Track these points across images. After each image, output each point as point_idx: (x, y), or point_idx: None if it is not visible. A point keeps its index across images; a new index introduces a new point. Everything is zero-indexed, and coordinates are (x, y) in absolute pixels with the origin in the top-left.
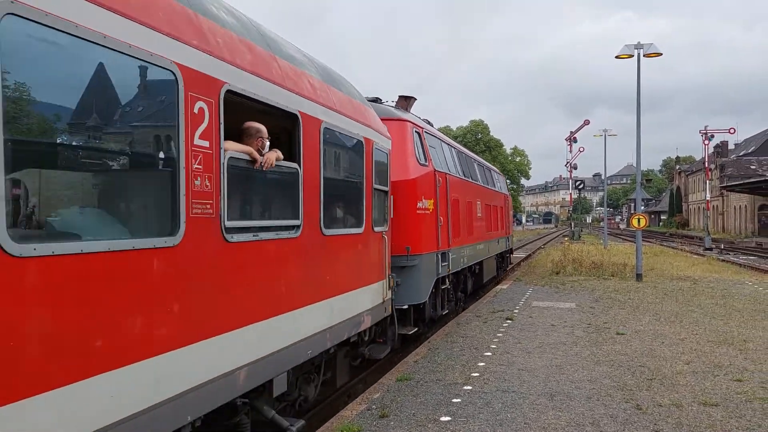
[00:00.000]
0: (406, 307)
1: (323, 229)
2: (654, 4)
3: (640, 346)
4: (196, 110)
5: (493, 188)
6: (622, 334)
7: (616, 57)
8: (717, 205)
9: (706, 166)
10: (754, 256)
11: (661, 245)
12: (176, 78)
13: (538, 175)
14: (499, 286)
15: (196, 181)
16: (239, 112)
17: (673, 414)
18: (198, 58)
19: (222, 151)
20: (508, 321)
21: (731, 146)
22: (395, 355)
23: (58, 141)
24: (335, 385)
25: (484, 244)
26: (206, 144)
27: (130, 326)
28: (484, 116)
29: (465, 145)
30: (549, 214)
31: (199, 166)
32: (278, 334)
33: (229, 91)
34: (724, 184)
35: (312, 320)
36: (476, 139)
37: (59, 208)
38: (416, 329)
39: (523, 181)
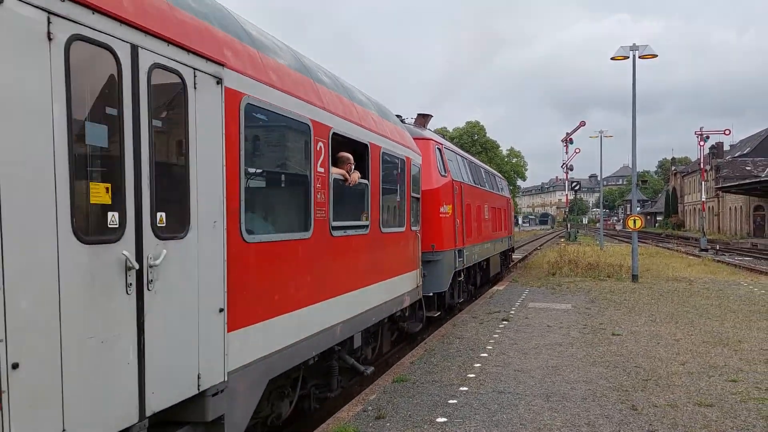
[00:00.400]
0: (431, 294)
1: (381, 228)
2: (649, 6)
3: (635, 346)
4: (318, 148)
5: (497, 192)
6: (618, 335)
7: (612, 59)
8: (712, 206)
9: (702, 167)
10: (750, 257)
11: (657, 246)
12: (310, 128)
13: (534, 177)
14: (495, 287)
15: (318, 195)
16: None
17: (668, 414)
18: (319, 114)
19: (330, 174)
20: (505, 322)
21: (726, 147)
22: (392, 357)
23: (260, 173)
24: (381, 351)
25: (491, 243)
26: (322, 170)
27: (290, 286)
28: (480, 117)
29: (461, 147)
30: (545, 215)
31: (319, 185)
32: (356, 303)
33: (333, 133)
34: (720, 185)
35: (375, 296)
36: (472, 140)
37: (260, 216)
38: (439, 313)
39: (519, 182)
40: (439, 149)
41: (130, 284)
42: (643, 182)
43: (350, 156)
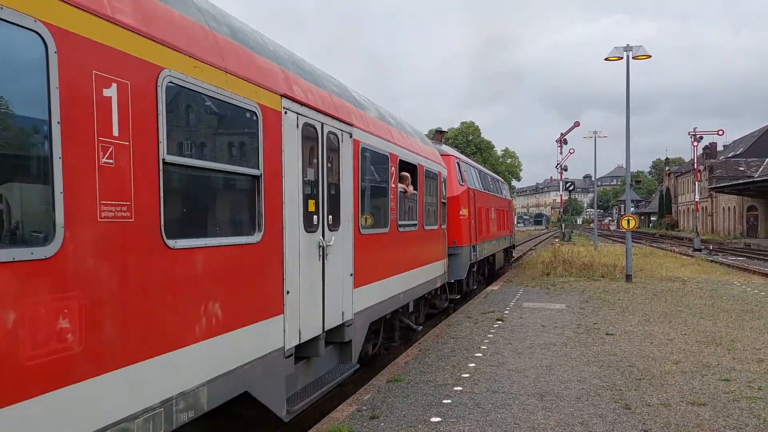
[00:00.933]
0: (452, 281)
1: (424, 226)
2: (648, 6)
3: (629, 346)
4: (392, 171)
5: (501, 196)
6: (612, 334)
7: (606, 59)
8: (706, 206)
9: (695, 167)
10: (743, 257)
11: (651, 246)
12: (388, 158)
13: (528, 177)
14: (490, 287)
15: (392, 203)
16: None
17: (661, 413)
18: (392, 147)
19: (397, 188)
20: (499, 322)
21: (720, 148)
22: (386, 357)
23: (366, 189)
24: (419, 321)
25: (496, 241)
26: (394, 186)
27: (378, 264)
28: (475, 118)
29: (456, 147)
30: (540, 215)
31: (392, 196)
32: (411, 279)
33: (400, 160)
34: (713, 186)
35: (420, 276)
36: (467, 140)
37: (366, 217)
38: (459, 296)
39: (514, 182)
40: (458, 163)
41: (320, 255)
42: (637, 182)
43: (408, 175)
